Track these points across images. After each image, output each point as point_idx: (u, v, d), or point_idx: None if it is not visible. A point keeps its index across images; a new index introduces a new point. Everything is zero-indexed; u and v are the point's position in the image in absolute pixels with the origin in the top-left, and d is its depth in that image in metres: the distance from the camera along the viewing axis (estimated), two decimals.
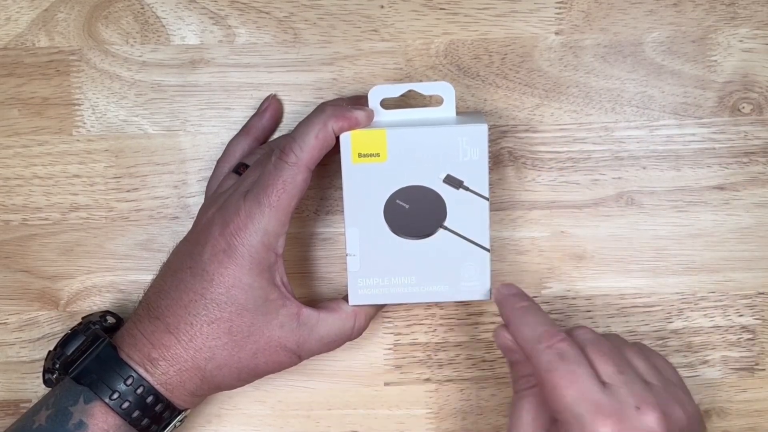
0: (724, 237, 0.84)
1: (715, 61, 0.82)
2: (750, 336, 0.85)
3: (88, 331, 0.77)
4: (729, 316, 0.84)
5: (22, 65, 0.82)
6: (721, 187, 0.83)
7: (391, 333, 0.85)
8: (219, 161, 0.81)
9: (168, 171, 0.83)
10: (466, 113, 0.82)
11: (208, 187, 0.81)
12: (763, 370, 0.85)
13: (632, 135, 0.83)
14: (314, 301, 0.78)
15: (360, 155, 0.75)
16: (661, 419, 0.66)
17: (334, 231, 0.84)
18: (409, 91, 0.78)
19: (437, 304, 0.84)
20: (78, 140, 0.83)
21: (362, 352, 0.85)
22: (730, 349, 0.85)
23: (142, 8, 0.82)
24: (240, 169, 0.78)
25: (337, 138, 0.74)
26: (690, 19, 0.82)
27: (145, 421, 0.72)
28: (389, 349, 0.85)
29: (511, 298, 0.74)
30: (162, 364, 0.72)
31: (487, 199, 0.75)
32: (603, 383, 0.67)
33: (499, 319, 0.83)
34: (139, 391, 0.72)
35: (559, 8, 0.82)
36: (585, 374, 0.67)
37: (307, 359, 0.76)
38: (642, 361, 0.72)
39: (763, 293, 0.84)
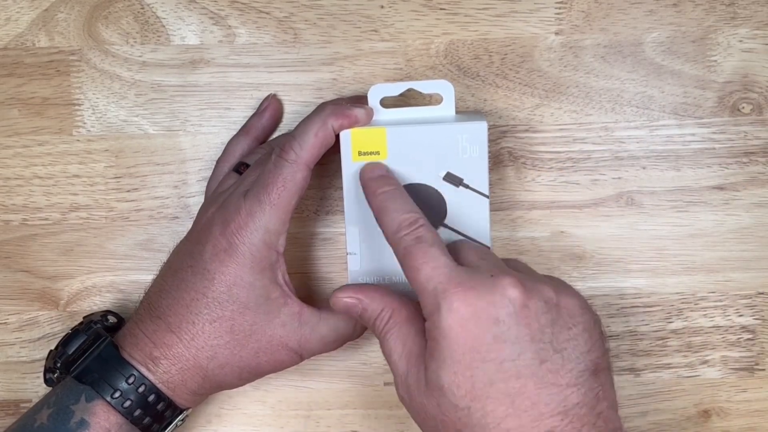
0: (723, 237, 0.84)
1: (715, 61, 0.82)
2: (750, 336, 0.85)
3: (89, 330, 0.77)
4: (729, 316, 0.84)
5: (22, 65, 0.82)
6: (721, 187, 0.83)
7: None
8: (219, 161, 0.81)
9: (168, 171, 0.83)
10: (466, 112, 0.82)
11: (207, 186, 0.81)
12: (763, 370, 0.85)
13: (632, 135, 0.83)
14: (315, 301, 0.78)
15: (360, 153, 0.75)
16: (517, 283, 0.65)
17: (334, 231, 0.84)
18: (409, 90, 0.79)
19: None
20: (78, 140, 0.83)
21: (362, 352, 0.85)
22: (730, 349, 0.85)
23: (142, 8, 0.82)
24: (240, 168, 0.78)
25: (337, 136, 0.74)
26: (690, 19, 0.82)
27: (147, 420, 0.72)
28: None
29: (374, 182, 0.73)
30: (164, 363, 0.72)
31: (487, 196, 0.75)
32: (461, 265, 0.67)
33: None
34: (140, 389, 0.71)
35: (559, 8, 0.82)
36: (440, 253, 0.67)
37: (308, 358, 0.76)
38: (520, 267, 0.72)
39: (763, 293, 0.84)
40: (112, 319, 0.80)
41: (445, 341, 0.64)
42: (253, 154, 0.80)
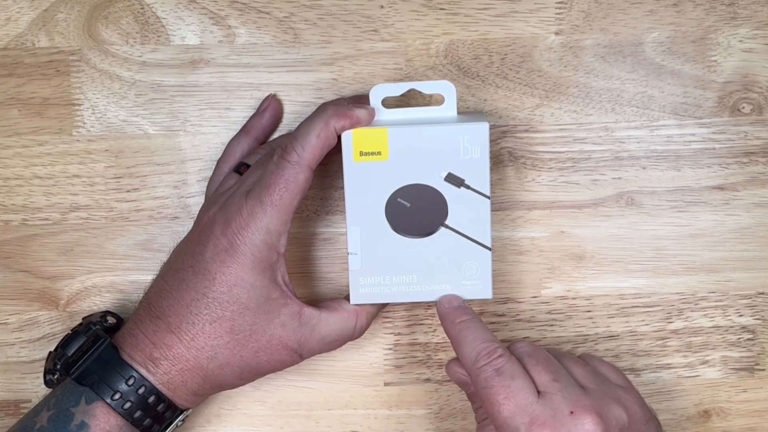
0: (724, 237, 0.84)
1: (715, 61, 0.82)
2: (750, 336, 0.85)
3: (88, 331, 0.77)
4: (729, 316, 0.84)
5: (22, 65, 0.82)
6: (721, 187, 0.83)
7: (391, 333, 0.85)
8: (219, 161, 0.81)
9: (168, 171, 0.83)
10: (467, 112, 0.82)
11: (208, 187, 0.80)
12: (763, 370, 0.85)
13: (632, 135, 0.83)
14: (315, 302, 0.78)
15: (361, 154, 0.75)
16: (596, 421, 0.68)
17: (334, 231, 0.84)
18: (410, 90, 0.79)
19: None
20: (78, 140, 0.83)
21: (362, 352, 0.85)
22: (730, 349, 0.85)
23: (142, 8, 0.82)
24: (241, 168, 0.78)
25: (339, 137, 0.74)
26: (690, 19, 0.82)
27: (147, 421, 0.72)
28: (389, 349, 0.85)
29: (452, 312, 0.76)
30: (164, 363, 0.72)
31: (488, 197, 0.75)
32: (538, 393, 0.70)
33: (499, 319, 0.83)
34: (140, 391, 0.71)
35: (559, 8, 0.82)
36: (520, 387, 0.70)
37: (308, 358, 0.76)
38: (579, 367, 0.75)
39: (763, 293, 0.84)
40: (111, 319, 0.80)
41: None
42: (254, 154, 0.80)
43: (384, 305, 0.80)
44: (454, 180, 0.75)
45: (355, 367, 0.85)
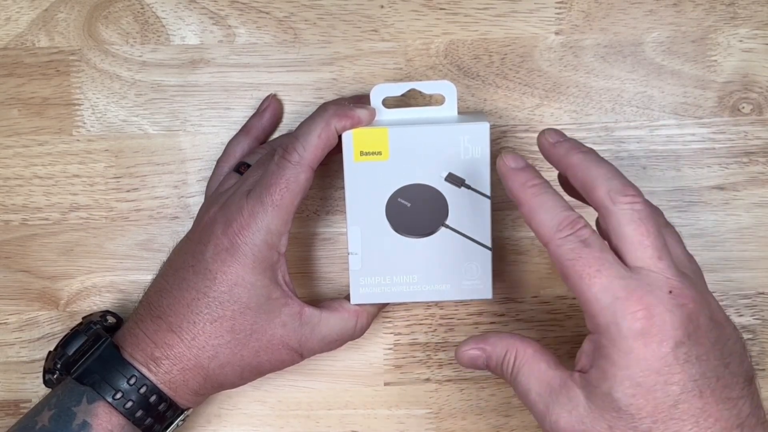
0: (724, 237, 0.84)
1: (715, 61, 0.82)
2: (750, 336, 0.85)
3: (89, 331, 0.77)
4: (729, 315, 0.84)
5: (22, 65, 0.82)
6: (721, 187, 0.83)
7: (391, 333, 0.85)
8: (219, 161, 0.81)
9: (168, 171, 0.83)
10: (468, 112, 0.82)
11: (208, 187, 0.81)
12: (764, 369, 0.85)
13: (632, 135, 0.83)
14: (315, 301, 0.78)
15: (362, 153, 0.75)
16: (695, 298, 0.63)
17: (334, 231, 0.84)
18: (410, 90, 0.78)
19: (437, 304, 0.84)
20: (78, 140, 0.83)
21: (362, 352, 0.85)
22: None
23: (142, 8, 0.82)
24: (241, 168, 0.78)
25: (339, 137, 0.74)
26: (690, 19, 0.82)
27: (149, 421, 0.72)
28: (389, 349, 0.85)
29: (519, 173, 0.68)
30: (165, 363, 0.72)
31: (488, 197, 0.75)
32: (631, 268, 0.64)
33: (499, 319, 0.83)
34: (142, 390, 0.71)
35: (559, 8, 0.82)
36: (613, 259, 0.64)
37: (309, 358, 0.76)
38: (678, 247, 0.70)
39: (763, 293, 0.84)
40: (111, 319, 0.80)
41: (624, 360, 0.62)
42: (254, 154, 0.80)
43: (384, 305, 0.80)
44: (454, 180, 0.75)
45: (355, 367, 0.85)
